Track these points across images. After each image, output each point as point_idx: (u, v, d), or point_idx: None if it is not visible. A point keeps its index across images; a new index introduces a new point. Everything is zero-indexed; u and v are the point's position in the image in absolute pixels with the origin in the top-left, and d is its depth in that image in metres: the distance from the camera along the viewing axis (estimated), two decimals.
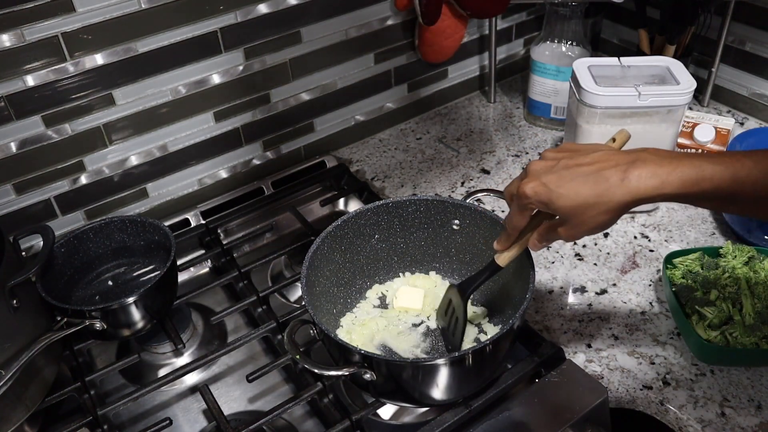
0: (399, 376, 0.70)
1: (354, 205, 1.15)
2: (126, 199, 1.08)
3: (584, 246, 1.01)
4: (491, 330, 0.85)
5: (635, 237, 1.02)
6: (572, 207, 0.62)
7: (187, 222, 1.11)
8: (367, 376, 0.69)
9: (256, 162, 1.18)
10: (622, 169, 0.60)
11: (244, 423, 0.77)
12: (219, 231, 1.09)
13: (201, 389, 0.82)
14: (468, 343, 0.83)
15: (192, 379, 0.90)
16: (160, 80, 1.01)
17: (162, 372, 0.90)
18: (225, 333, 0.97)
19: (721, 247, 0.90)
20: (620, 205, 0.61)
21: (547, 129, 1.28)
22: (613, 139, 0.71)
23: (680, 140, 1.12)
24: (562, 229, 0.66)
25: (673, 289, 0.86)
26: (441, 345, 0.84)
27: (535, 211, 0.69)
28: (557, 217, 0.66)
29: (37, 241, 1.03)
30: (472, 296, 0.80)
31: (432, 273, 0.92)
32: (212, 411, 0.79)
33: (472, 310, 0.87)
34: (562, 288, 0.95)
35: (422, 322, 0.87)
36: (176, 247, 0.88)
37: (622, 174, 0.60)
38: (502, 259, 0.74)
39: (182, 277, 1.00)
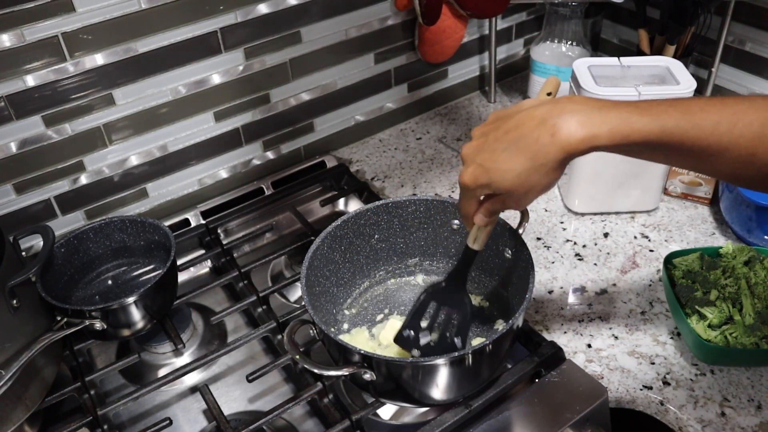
0: (399, 376, 0.70)
1: (354, 205, 1.15)
2: (126, 199, 1.08)
3: (584, 246, 1.01)
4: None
5: (635, 237, 1.02)
6: (513, 180, 0.61)
7: (187, 222, 1.11)
8: (367, 376, 0.69)
9: (256, 162, 1.18)
10: (551, 124, 0.59)
11: (244, 423, 0.77)
12: (219, 231, 1.09)
13: (201, 389, 0.82)
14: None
15: (192, 379, 0.90)
16: (160, 80, 1.01)
17: (162, 372, 0.90)
18: (225, 333, 0.97)
19: (721, 247, 0.90)
20: (558, 162, 0.60)
21: None
22: (548, 93, 0.70)
23: None
24: (510, 202, 0.66)
25: (673, 289, 0.86)
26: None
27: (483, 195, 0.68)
28: None
29: (37, 241, 1.03)
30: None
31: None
32: (212, 411, 0.79)
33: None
34: (562, 288, 0.95)
35: None
36: (176, 247, 0.88)
37: (552, 129, 0.59)
38: (476, 243, 0.74)
39: (182, 277, 1.00)
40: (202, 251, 1.07)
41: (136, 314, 0.84)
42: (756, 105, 0.57)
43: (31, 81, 0.91)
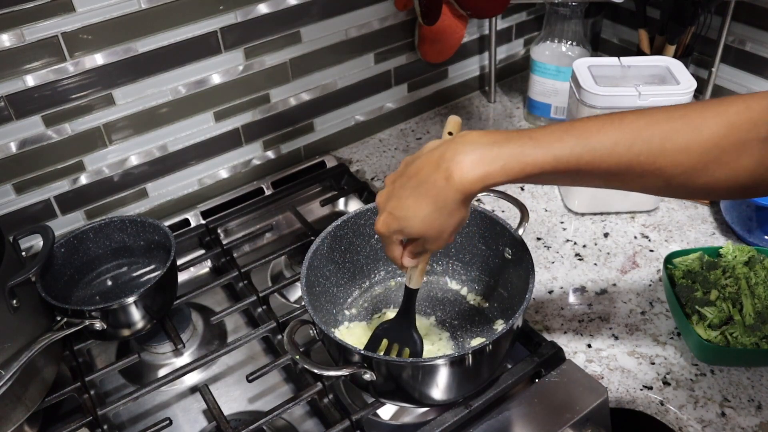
0: (399, 376, 0.70)
1: (354, 205, 1.15)
2: (126, 199, 1.08)
3: (584, 246, 1.01)
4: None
5: (635, 237, 1.02)
6: (421, 225, 0.62)
7: (187, 222, 1.11)
8: (367, 376, 0.69)
9: (256, 162, 1.18)
10: (444, 168, 0.59)
11: (244, 423, 0.77)
12: (219, 231, 1.09)
13: (201, 389, 0.82)
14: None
15: (192, 379, 0.90)
16: (160, 80, 1.01)
17: (162, 372, 0.90)
18: (225, 333, 0.97)
19: (721, 247, 0.90)
20: (457, 203, 0.60)
21: None
22: (450, 132, 0.71)
23: None
24: (427, 244, 0.66)
25: (674, 289, 0.85)
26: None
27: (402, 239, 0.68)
28: None
29: (37, 241, 1.03)
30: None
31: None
32: (212, 411, 0.79)
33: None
34: (562, 288, 0.95)
35: None
36: (176, 247, 0.88)
37: (446, 173, 0.59)
38: (411, 282, 0.75)
39: (182, 277, 1.00)
40: (202, 251, 1.07)
41: (136, 314, 0.84)
42: (656, 119, 0.56)
43: (31, 81, 0.91)
